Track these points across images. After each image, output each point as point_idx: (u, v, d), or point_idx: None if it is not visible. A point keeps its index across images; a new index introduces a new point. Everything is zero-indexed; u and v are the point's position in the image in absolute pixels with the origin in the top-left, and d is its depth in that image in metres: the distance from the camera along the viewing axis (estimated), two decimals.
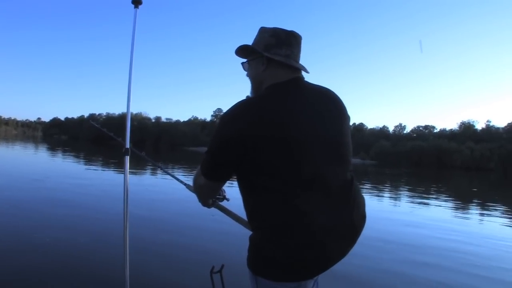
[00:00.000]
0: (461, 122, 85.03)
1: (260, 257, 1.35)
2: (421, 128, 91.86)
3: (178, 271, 4.19)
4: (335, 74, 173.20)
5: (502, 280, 4.80)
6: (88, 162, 22.62)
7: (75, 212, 6.87)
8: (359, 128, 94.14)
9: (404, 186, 21.45)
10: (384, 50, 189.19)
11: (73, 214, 6.63)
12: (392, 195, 15.75)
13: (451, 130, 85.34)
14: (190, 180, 1.72)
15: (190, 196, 1.92)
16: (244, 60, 1.59)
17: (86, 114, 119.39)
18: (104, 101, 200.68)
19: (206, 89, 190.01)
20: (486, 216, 11.18)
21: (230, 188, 1.74)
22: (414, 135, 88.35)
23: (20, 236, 5.04)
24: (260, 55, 1.48)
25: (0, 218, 6.02)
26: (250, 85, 1.59)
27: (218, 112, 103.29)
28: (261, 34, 1.51)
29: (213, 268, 1.72)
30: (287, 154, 1.30)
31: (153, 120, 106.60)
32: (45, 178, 11.61)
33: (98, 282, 3.68)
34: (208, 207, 1.77)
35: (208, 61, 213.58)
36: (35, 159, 21.83)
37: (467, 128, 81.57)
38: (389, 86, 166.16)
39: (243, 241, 1.46)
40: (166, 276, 4.00)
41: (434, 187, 22.31)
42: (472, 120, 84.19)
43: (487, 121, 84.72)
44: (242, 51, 1.56)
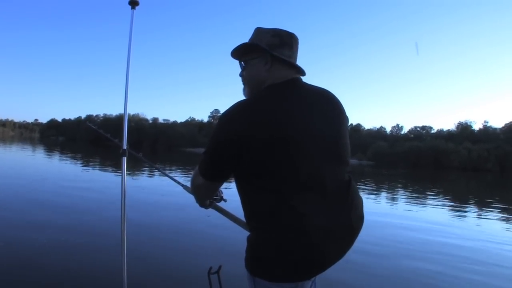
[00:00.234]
0: (458, 123, 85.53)
1: (257, 257, 1.35)
2: (418, 128, 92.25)
3: (175, 272, 4.18)
4: (332, 75, 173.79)
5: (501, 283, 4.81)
6: (85, 163, 22.55)
7: (72, 213, 6.85)
8: (356, 128, 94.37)
9: (401, 187, 21.48)
10: (380, 50, 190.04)
11: (70, 216, 6.61)
12: (388, 196, 15.76)
13: (449, 130, 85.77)
14: (187, 181, 1.72)
15: (188, 197, 1.92)
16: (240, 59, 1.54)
17: (83, 115, 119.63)
18: (101, 102, 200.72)
19: (203, 90, 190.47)
20: (483, 217, 11.22)
21: (227, 189, 1.74)
22: (411, 136, 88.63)
23: (16, 237, 5.02)
24: (264, 54, 1.45)
25: None
26: (245, 85, 1.55)
27: (215, 113, 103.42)
28: (261, 34, 1.48)
29: (210, 269, 1.72)
30: (285, 155, 1.30)
31: (150, 121, 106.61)
32: (42, 180, 11.57)
33: (96, 283, 3.67)
34: (205, 208, 1.77)
35: (205, 62, 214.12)
36: (32, 161, 21.76)
37: (465, 128, 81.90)
38: (386, 86, 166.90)
39: (241, 241, 1.46)
40: (163, 276, 4.00)
41: (431, 188, 22.35)
42: (469, 120, 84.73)
43: (485, 121, 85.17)
44: (243, 50, 1.51)
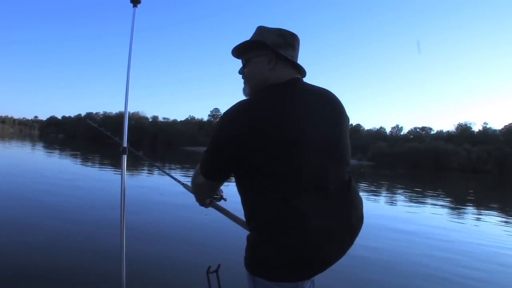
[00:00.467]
0: (458, 124, 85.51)
1: (257, 257, 1.35)
2: (418, 129, 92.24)
3: (174, 271, 4.18)
4: (333, 75, 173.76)
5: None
6: (85, 161, 22.55)
7: (71, 211, 6.84)
8: (356, 129, 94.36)
9: (400, 188, 21.47)
10: (381, 51, 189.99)
11: (69, 214, 6.60)
12: (387, 197, 15.76)
13: (448, 131, 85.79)
14: (187, 179, 1.72)
15: (187, 195, 1.92)
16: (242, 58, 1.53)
17: (83, 113, 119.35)
18: (101, 99, 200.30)
19: (204, 88, 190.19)
20: (482, 219, 11.20)
21: (227, 188, 1.74)
22: (411, 137, 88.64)
23: (14, 236, 5.02)
24: (269, 52, 1.44)
25: None
26: (246, 83, 1.54)
27: (215, 112, 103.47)
28: (264, 33, 1.46)
29: (209, 267, 1.71)
30: (286, 155, 1.30)
31: (150, 119, 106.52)
32: (40, 177, 11.57)
33: (95, 281, 3.66)
34: (205, 207, 1.76)
35: (205, 60, 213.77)
36: (32, 158, 21.74)
37: (464, 130, 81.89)
38: (386, 87, 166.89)
39: (240, 241, 1.46)
40: (162, 275, 4.00)
41: (431, 189, 22.34)
42: (469, 122, 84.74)
43: (484, 123, 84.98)
44: (246, 47, 1.49)
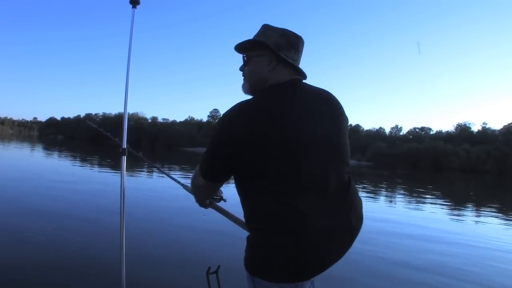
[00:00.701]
0: (457, 124, 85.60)
1: (257, 258, 1.35)
2: (417, 129, 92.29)
3: (174, 272, 4.18)
4: (333, 75, 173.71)
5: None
6: (84, 162, 22.53)
7: (71, 212, 6.83)
8: (356, 129, 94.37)
9: (399, 188, 21.48)
10: (380, 52, 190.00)
11: (69, 214, 6.59)
12: (387, 197, 15.77)
13: (448, 132, 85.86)
14: (187, 180, 1.72)
15: (187, 196, 1.92)
16: (245, 55, 1.52)
17: (82, 114, 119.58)
18: (100, 100, 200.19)
19: (203, 89, 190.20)
20: (481, 219, 11.20)
21: (227, 188, 1.74)
22: (411, 137, 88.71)
23: (14, 236, 5.01)
24: (270, 53, 1.43)
25: None
26: (245, 81, 1.54)
27: (214, 112, 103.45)
28: (268, 31, 1.46)
29: (209, 268, 1.71)
30: (286, 155, 1.30)
31: (149, 120, 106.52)
32: (40, 178, 11.56)
33: (95, 282, 3.66)
34: (205, 208, 1.76)
35: (205, 61, 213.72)
36: (31, 159, 21.73)
37: (463, 130, 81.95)
38: (385, 87, 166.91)
39: (240, 241, 1.46)
40: (162, 276, 4.00)
41: (430, 190, 22.34)
42: (468, 122, 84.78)
43: (483, 123, 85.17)
44: (248, 45, 1.49)
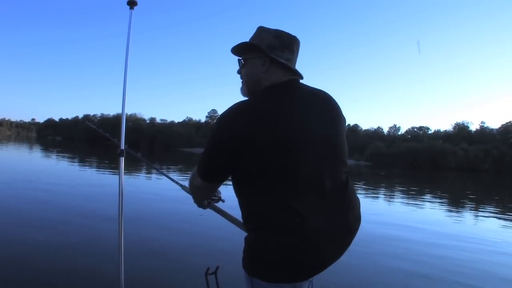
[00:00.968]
0: (455, 124, 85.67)
1: (255, 258, 1.35)
2: (415, 129, 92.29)
3: (172, 273, 4.18)
4: (332, 75, 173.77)
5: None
6: (83, 163, 22.50)
7: (69, 213, 6.83)
8: (354, 129, 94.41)
9: (398, 188, 21.51)
10: (379, 51, 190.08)
11: (67, 216, 6.59)
12: (385, 197, 15.78)
13: (446, 131, 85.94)
14: (186, 181, 1.72)
15: (185, 197, 1.92)
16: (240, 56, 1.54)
17: (80, 115, 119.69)
18: (98, 101, 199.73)
19: (201, 90, 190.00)
20: (479, 219, 11.23)
21: (226, 189, 1.74)
22: (409, 136, 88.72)
23: (12, 237, 5.00)
24: (263, 55, 1.45)
25: None
26: (243, 83, 1.56)
27: (212, 113, 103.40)
28: (263, 33, 1.47)
29: (208, 269, 1.71)
30: (283, 155, 1.30)
31: (147, 121, 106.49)
32: (38, 180, 11.52)
33: (93, 283, 3.66)
34: (203, 208, 1.76)
35: (202, 62, 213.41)
36: (30, 160, 21.69)
37: (462, 129, 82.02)
38: (383, 87, 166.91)
39: (238, 242, 1.46)
40: (161, 277, 4.00)
41: (428, 189, 22.38)
42: (466, 121, 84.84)
43: (481, 122, 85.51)
44: (242, 48, 1.51)
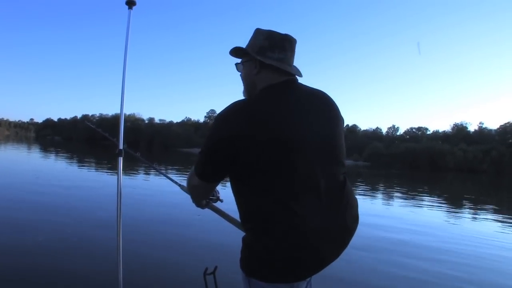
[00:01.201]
0: (454, 124, 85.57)
1: (252, 258, 1.35)
2: (414, 129, 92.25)
3: (171, 273, 4.17)
4: (331, 75, 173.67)
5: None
6: (81, 163, 22.48)
7: (68, 214, 6.82)
8: (352, 129, 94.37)
9: (396, 188, 21.52)
10: (378, 52, 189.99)
11: (65, 216, 6.58)
12: (384, 197, 15.79)
13: (444, 131, 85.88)
14: (184, 181, 1.72)
15: (184, 197, 1.92)
16: (238, 60, 1.59)
17: (79, 115, 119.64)
18: (97, 102, 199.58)
19: (200, 90, 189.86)
20: (478, 219, 11.24)
21: (224, 189, 1.74)
22: (407, 137, 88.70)
23: (10, 237, 5.00)
24: (253, 58, 1.48)
25: None
26: (243, 85, 1.59)
27: (211, 113, 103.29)
28: (256, 36, 1.51)
29: (206, 269, 1.71)
30: (281, 156, 1.30)
31: (146, 121, 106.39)
32: (36, 180, 11.52)
33: (92, 283, 3.66)
34: (202, 208, 1.77)
35: (201, 62, 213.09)
36: (28, 160, 21.67)
37: (460, 130, 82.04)
38: (382, 87, 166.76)
39: (237, 242, 1.46)
40: (159, 277, 3.99)
41: (427, 190, 22.40)
42: (465, 122, 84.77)
43: (480, 123, 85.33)
44: (236, 53, 1.57)
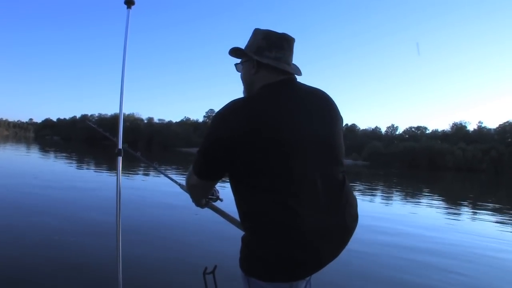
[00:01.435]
0: (453, 123, 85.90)
1: (252, 257, 1.35)
2: (413, 129, 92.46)
3: (171, 272, 4.17)
4: (330, 74, 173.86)
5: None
6: (80, 163, 22.46)
7: (67, 213, 6.81)
8: (352, 129, 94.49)
9: (395, 188, 21.53)
10: (377, 51, 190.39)
11: (64, 215, 6.58)
12: (382, 197, 15.79)
13: (443, 131, 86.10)
14: (184, 180, 1.72)
15: (184, 196, 1.92)
16: (237, 61, 1.60)
17: (78, 115, 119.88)
18: (96, 101, 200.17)
19: (199, 90, 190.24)
20: (478, 219, 11.24)
21: (223, 188, 1.74)
22: (406, 136, 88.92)
23: (9, 236, 4.99)
24: (251, 58, 1.49)
25: None
26: (243, 85, 1.60)
27: (210, 113, 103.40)
28: (254, 36, 1.52)
29: (206, 269, 1.71)
30: (279, 154, 1.30)
31: (145, 121, 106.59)
32: (35, 179, 11.51)
33: (91, 283, 3.65)
34: (201, 207, 1.77)
35: (200, 61, 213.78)
36: (28, 160, 21.64)
37: (459, 129, 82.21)
38: (381, 87, 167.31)
39: (236, 241, 1.46)
40: (159, 277, 3.99)
41: (426, 189, 22.42)
42: (464, 121, 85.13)
43: (479, 122, 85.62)
44: (234, 53, 1.58)
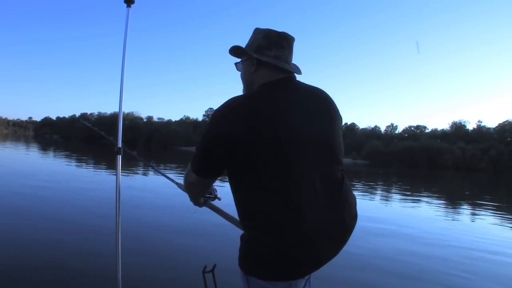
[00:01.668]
0: (452, 122, 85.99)
1: (251, 256, 1.35)
2: (412, 128, 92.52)
3: (170, 271, 4.17)
4: (328, 73, 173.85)
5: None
6: (80, 162, 22.45)
7: (66, 212, 6.81)
8: (351, 128, 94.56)
9: (394, 187, 21.54)
10: (376, 50, 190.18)
11: (64, 214, 6.57)
12: (382, 196, 15.80)
13: (443, 130, 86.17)
14: (182, 179, 1.72)
15: (182, 195, 1.91)
16: (237, 60, 1.60)
17: (77, 114, 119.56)
18: (95, 100, 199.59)
19: (198, 88, 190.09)
20: (477, 218, 11.25)
21: (222, 187, 1.74)
22: (406, 135, 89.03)
23: (8, 235, 4.99)
24: (251, 57, 1.50)
25: None
26: (243, 84, 1.61)
27: (210, 111, 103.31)
28: (254, 35, 1.53)
29: (205, 267, 1.72)
30: (278, 152, 1.30)
31: (144, 119, 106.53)
32: (34, 178, 11.49)
33: (91, 282, 3.65)
34: (199, 206, 1.77)
35: (200, 60, 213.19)
36: (27, 159, 21.62)
37: (459, 128, 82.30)
38: (381, 86, 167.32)
39: (235, 240, 1.46)
40: (158, 275, 3.99)
41: (426, 188, 22.43)
42: (463, 120, 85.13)
43: (478, 121, 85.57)
44: (234, 52, 1.59)
